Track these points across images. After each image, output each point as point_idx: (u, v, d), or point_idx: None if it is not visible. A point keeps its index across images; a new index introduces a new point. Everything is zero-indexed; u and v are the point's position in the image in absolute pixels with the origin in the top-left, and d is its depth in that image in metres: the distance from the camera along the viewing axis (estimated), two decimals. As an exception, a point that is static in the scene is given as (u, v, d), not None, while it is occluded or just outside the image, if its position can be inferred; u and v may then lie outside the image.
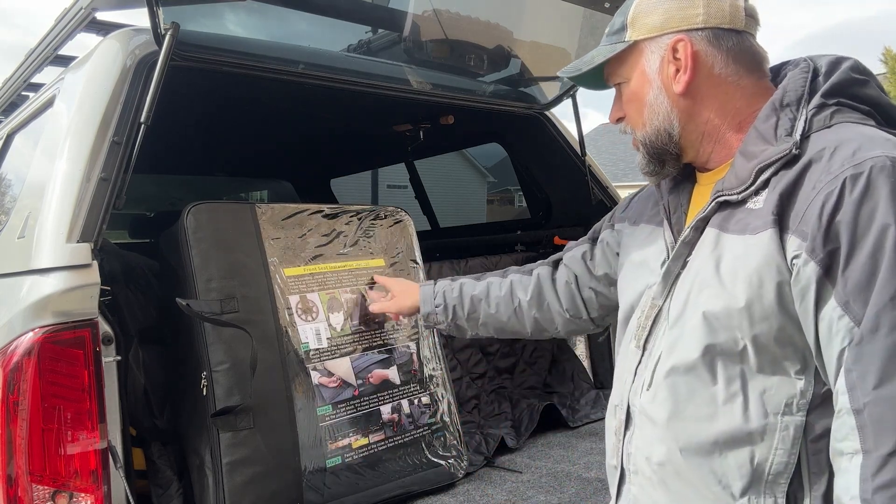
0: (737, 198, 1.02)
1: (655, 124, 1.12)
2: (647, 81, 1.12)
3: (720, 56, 1.08)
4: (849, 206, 0.87)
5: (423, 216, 4.25)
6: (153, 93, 1.72)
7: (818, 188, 0.91)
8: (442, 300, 1.67)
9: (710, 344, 1.01)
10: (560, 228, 3.26)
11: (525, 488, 2.22)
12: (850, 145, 0.92)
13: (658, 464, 1.08)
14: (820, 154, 0.95)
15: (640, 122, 1.14)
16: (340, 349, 2.14)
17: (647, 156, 1.15)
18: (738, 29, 1.08)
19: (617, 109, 1.19)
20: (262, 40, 2.29)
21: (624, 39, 1.13)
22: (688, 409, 1.04)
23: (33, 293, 1.53)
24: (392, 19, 2.31)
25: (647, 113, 1.12)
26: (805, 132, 0.99)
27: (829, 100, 1.01)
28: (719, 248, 1.02)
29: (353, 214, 2.33)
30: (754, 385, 0.98)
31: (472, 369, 3.00)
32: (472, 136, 3.79)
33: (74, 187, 1.62)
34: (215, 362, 1.90)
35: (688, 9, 1.07)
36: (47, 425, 1.49)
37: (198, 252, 1.95)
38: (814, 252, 0.90)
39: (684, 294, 1.07)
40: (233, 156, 4.22)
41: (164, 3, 1.70)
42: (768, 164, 0.99)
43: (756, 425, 0.97)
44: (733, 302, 0.98)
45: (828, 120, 0.99)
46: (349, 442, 2.07)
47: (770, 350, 0.96)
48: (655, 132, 1.12)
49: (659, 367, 1.09)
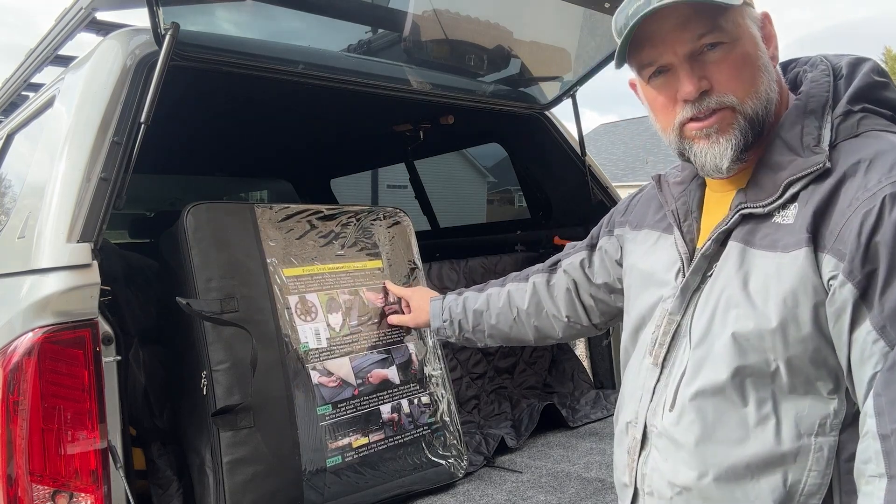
0: (762, 211, 0.97)
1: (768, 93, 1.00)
2: (756, 44, 1.01)
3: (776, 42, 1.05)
4: (889, 225, 0.84)
5: (423, 216, 4.25)
6: (153, 93, 1.72)
7: (854, 206, 0.87)
8: (448, 315, 1.73)
9: (740, 366, 0.97)
10: (560, 228, 3.26)
11: (525, 488, 2.22)
12: (887, 159, 0.88)
13: (684, 487, 1.04)
14: (855, 168, 0.90)
15: (750, 90, 0.99)
16: (340, 349, 2.14)
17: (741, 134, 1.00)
18: None
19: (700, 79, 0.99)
20: (262, 40, 2.29)
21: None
22: (717, 433, 1.00)
23: (33, 293, 1.53)
24: (392, 19, 2.31)
25: (763, 79, 1.00)
26: (832, 141, 0.95)
27: (854, 106, 0.96)
28: (746, 265, 0.98)
29: (352, 215, 2.34)
30: (786, 406, 0.95)
31: (472, 369, 3.00)
32: (472, 136, 3.79)
33: (74, 187, 1.62)
34: (215, 362, 1.90)
35: None
36: (47, 425, 1.49)
37: (198, 252, 1.95)
38: (851, 274, 0.86)
39: (709, 312, 1.02)
40: (233, 156, 4.22)
41: (164, 3, 1.70)
42: (798, 178, 0.94)
43: (789, 447, 0.95)
44: (765, 323, 0.94)
45: (855, 128, 0.95)
46: (349, 441, 2.07)
47: (804, 371, 0.93)
48: (767, 102, 1.01)
49: (683, 389, 1.05)
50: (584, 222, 3.14)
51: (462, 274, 2.99)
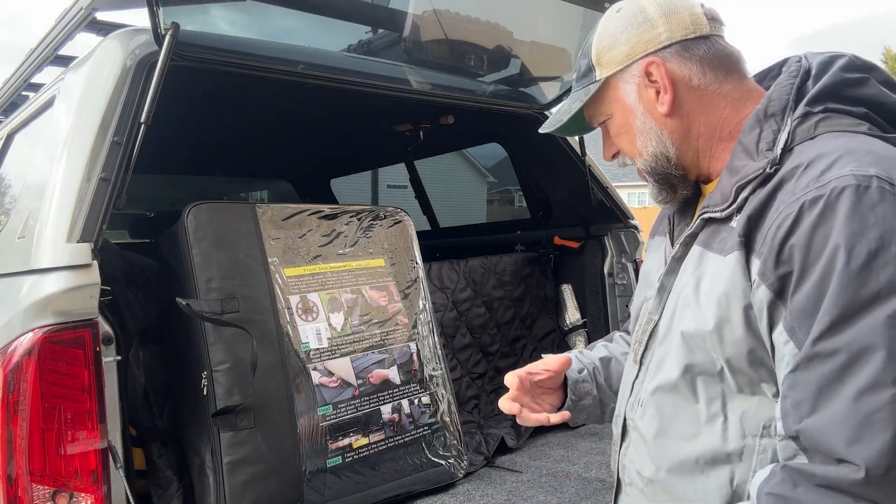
0: (720, 215, 0.99)
1: (651, 150, 1.09)
2: (629, 111, 1.10)
3: (695, 67, 1.05)
4: (803, 229, 0.84)
5: (423, 216, 4.25)
6: (153, 93, 1.72)
7: (780, 209, 0.88)
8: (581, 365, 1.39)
9: (689, 364, 1.00)
10: (560, 228, 3.26)
11: (525, 488, 2.22)
12: (823, 162, 0.87)
13: (648, 479, 1.08)
14: (792, 173, 0.90)
15: (635, 151, 1.12)
16: (341, 349, 2.14)
17: (657, 184, 1.13)
18: (705, 34, 1.06)
19: (609, 146, 1.18)
20: (263, 40, 2.29)
21: (595, 79, 1.12)
22: (672, 428, 1.04)
23: (33, 293, 1.53)
24: (392, 19, 2.31)
25: (640, 141, 1.10)
26: (788, 145, 0.95)
27: (814, 107, 0.96)
28: (702, 267, 1.01)
29: (353, 215, 2.34)
30: (734, 406, 0.97)
31: (472, 369, 3.00)
32: (472, 136, 3.80)
33: (74, 187, 1.62)
34: (216, 362, 1.90)
35: (649, 31, 1.06)
36: (47, 425, 1.49)
37: (198, 252, 1.95)
38: (765, 276, 0.88)
39: (670, 312, 1.07)
40: (233, 156, 4.22)
41: (164, 3, 1.70)
42: (745, 183, 0.96)
43: (734, 446, 0.96)
44: (704, 324, 0.96)
45: (812, 130, 0.94)
46: (349, 442, 2.07)
47: (745, 372, 0.94)
48: (654, 158, 1.10)
49: (646, 384, 1.09)
50: (584, 222, 3.14)
51: (462, 274, 2.99)
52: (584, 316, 3.17)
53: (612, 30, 1.09)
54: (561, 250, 3.24)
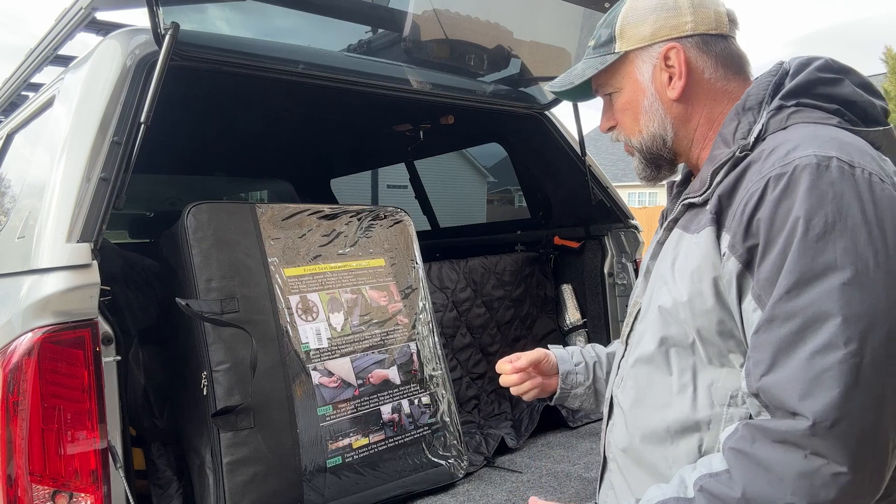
0: (698, 200, 1.05)
1: (651, 130, 1.14)
2: (640, 90, 1.14)
3: (710, 61, 1.11)
4: (768, 203, 0.90)
5: (423, 216, 4.25)
6: (153, 93, 1.71)
7: (748, 187, 0.94)
8: (581, 357, 1.48)
9: (664, 336, 1.05)
10: (560, 228, 3.26)
11: (525, 488, 2.22)
12: (788, 146, 0.94)
13: (623, 449, 1.14)
14: (760, 154, 0.97)
15: (635, 129, 1.17)
16: (341, 349, 2.14)
17: (644, 161, 1.18)
18: (724, 33, 1.12)
19: (608, 118, 1.22)
20: (262, 40, 2.29)
21: (614, 51, 1.15)
22: (647, 398, 1.09)
23: (33, 293, 1.53)
24: (392, 19, 2.31)
25: (644, 120, 1.15)
26: (761, 134, 1.01)
27: (788, 101, 1.02)
28: (678, 248, 1.07)
29: (352, 214, 2.33)
30: (703, 376, 1.02)
31: (472, 369, 3.00)
32: (472, 136, 3.79)
33: (74, 187, 1.62)
34: (216, 362, 1.90)
35: (677, 17, 1.11)
36: (47, 425, 1.49)
37: (198, 252, 1.95)
38: (734, 248, 0.94)
39: (650, 290, 1.13)
40: (233, 156, 4.22)
41: (164, 3, 1.70)
42: (720, 166, 1.02)
43: (703, 415, 1.01)
44: (678, 296, 1.02)
45: (784, 121, 1.00)
46: (349, 442, 2.07)
47: (715, 343, 1.00)
48: (651, 138, 1.15)
49: (628, 359, 1.15)
50: (585, 222, 3.14)
51: (462, 274, 2.99)
52: (584, 316, 3.17)
53: (643, 7, 1.13)
54: (561, 250, 3.24)
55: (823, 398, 0.81)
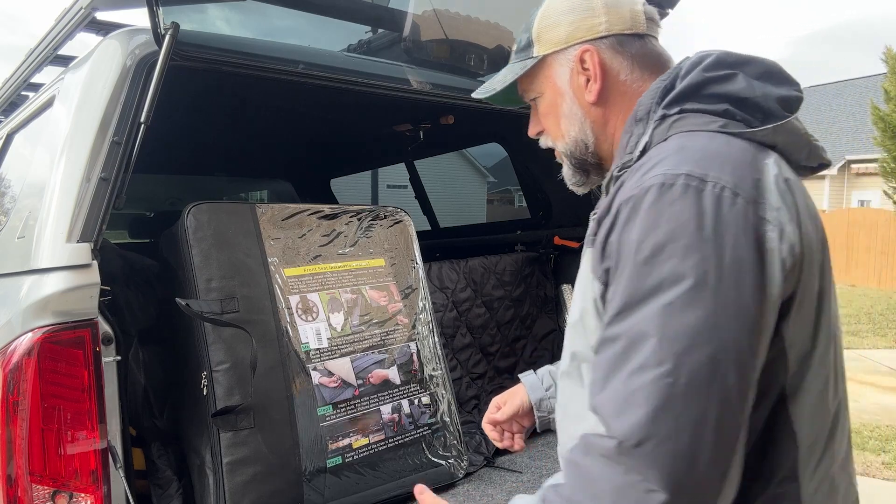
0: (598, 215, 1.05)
1: (573, 135, 1.13)
2: (559, 93, 1.13)
3: (626, 62, 1.09)
4: (618, 227, 0.90)
5: (423, 216, 4.25)
6: (153, 93, 1.71)
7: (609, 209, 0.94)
8: (552, 381, 1.49)
9: (573, 352, 1.05)
10: (560, 228, 3.26)
11: (525, 488, 2.22)
12: (649, 164, 0.92)
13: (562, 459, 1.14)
14: (630, 174, 0.96)
15: (558, 133, 1.16)
16: (341, 349, 2.14)
17: (571, 167, 1.17)
18: (640, 33, 1.09)
19: (535, 124, 1.21)
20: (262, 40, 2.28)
21: (532, 55, 1.14)
22: (569, 409, 1.09)
23: (33, 293, 1.53)
24: (392, 19, 2.31)
25: (564, 124, 1.14)
26: (647, 147, 0.99)
27: (670, 110, 0.99)
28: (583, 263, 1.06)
29: (352, 214, 2.33)
30: None
31: (472, 369, 3.00)
32: (472, 136, 3.79)
33: (74, 187, 1.62)
34: (216, 362, 1.90)
35: (591, 18, 1.08)
36: (47, 425, 1.49)
37: (198, 252, 1.95)
38: (595, 270, 0.95)
39: None
40: (233, 156, 4.22)
41: (164, 3, 1.70)
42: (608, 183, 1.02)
43: None
44: (574, 315, 1.03)
45: (666, 132, 0.98)
46: (349, 442, 2.07)
47: None
48: (573, 142, 1.14)
49: None
50: (585, 222, 3.12)
51: (462, 274, 2.99)
52: (584, 316, 3.17)
53: (557, 10, 1.11)
54: (561, 250, 3.24)
55: (630, 417, 0.81)
